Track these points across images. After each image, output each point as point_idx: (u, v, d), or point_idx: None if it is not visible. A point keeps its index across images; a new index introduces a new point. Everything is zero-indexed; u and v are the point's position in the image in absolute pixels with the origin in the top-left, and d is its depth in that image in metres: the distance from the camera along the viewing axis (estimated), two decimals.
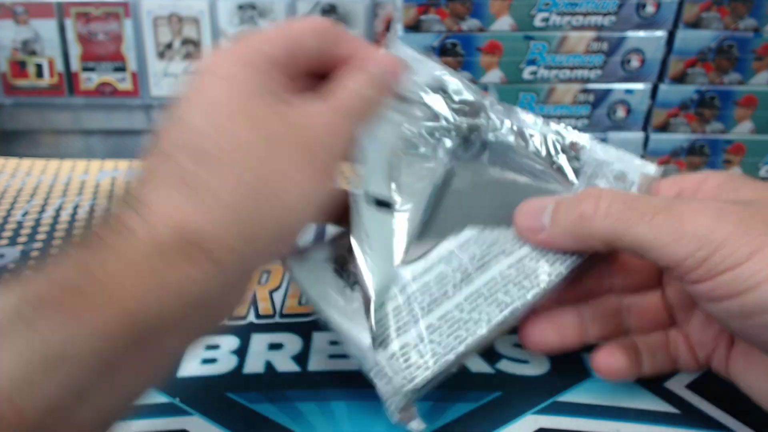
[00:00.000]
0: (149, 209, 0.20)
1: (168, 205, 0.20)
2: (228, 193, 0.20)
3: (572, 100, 0.52)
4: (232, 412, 0.27)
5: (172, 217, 0.19)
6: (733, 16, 0.49)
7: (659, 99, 0.52)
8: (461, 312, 0.25)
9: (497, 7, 0.49)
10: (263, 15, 0.69)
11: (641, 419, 0.27)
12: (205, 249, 0.19)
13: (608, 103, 0.52)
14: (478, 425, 0.27)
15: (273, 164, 0.21)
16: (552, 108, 0.53)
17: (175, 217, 0.19)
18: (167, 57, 0.71)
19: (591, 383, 0.29)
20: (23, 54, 0.70)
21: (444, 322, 0.24)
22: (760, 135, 0.53)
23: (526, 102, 0.52)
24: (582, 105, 0.53)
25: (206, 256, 0.19)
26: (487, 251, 0.26)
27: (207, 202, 0.20)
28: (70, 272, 0.18)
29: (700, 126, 0.53)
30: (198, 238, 0.19)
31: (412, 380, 0.23)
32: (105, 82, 0.71)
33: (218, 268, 0.20)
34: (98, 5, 0.68)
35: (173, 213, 0.20)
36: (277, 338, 0.32)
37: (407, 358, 0.24)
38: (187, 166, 0.20)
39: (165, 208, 0.20)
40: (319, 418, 0.27)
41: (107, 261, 0.18)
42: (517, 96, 0.52)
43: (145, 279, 0.18)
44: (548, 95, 0.52)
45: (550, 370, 0.30)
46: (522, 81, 0.52)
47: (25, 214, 0.47)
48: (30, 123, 0.69)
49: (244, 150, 0.21)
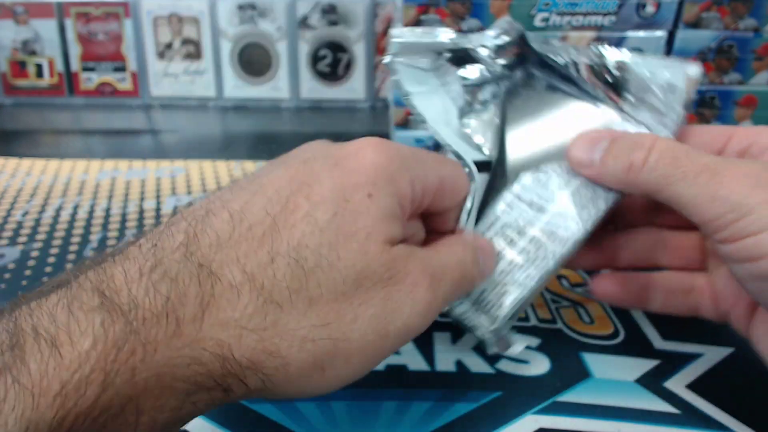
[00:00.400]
0: (211, 305, 0.18)
1: (232, 315, 0.18)
2: (287, 340, 0.18)
3: None
4: (232, 412, 0.27)
5: (226, 329, 0.18)
6: (733, 16, 0.49)
7: None
8: (527, 254, 0.27)
9: (497, 7, 0.49)
10: (263, 15, 0.69)
11: (641, 419, 0.27)
12: (229, 384, 0.18)
13: None
14: (478, 425, 0.27)
15: (347, 330, 0.19)
16: None
17: (226, 332, 0.18)
18: (167, 57, 0.71)
19: (591, 383, 0.29)
20: (23, 54, 0.70)
21: (513, 266, 0.27)
22: None
23: None
24: None
25: (225, 392, 0.18)
26: (542, 193, 0.28)
27: (266, 336, 0.18)
28: (95, 377, 0.15)
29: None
30: (233, 369, 0.18)
31: (495, 320, 0.27)
32: (105, 82, 0.71)
33: (227, 399, 0.18)
34: (98, 5, 0.68)
35: (230, 325, 0.18)
36: None
37: (487, 301, 0.27)
38: (278, 285, 0.18)
39: (226, 316, 0.18)
40: (319, 418, 0.27)
41: (137, 371, 0.16)
42: None
43: (165, 403, 0.17)
44: None
45: (550, 370, 0.30)
46: None
47: (25, 214, 0.47)
48: (30, 123, 0.69)
49: (335, 299, 0.19)
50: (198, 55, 0.71)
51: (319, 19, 0.70)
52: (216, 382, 0.17)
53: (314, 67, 0.71)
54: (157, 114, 0.71)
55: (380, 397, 0.28)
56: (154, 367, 0.16)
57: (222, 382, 0.17)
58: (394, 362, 0.30)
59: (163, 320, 0.17)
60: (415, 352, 0.31)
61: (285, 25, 0.70)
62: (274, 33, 0.70)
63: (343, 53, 0.71)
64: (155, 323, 0.16)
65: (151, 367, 0.16)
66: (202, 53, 0.71)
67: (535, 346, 0.32)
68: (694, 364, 0.30)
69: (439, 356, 0.31)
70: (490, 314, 0.27)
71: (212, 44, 0.70)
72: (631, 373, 0.30)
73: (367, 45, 0.71)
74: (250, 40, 0.70)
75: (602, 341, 0.32)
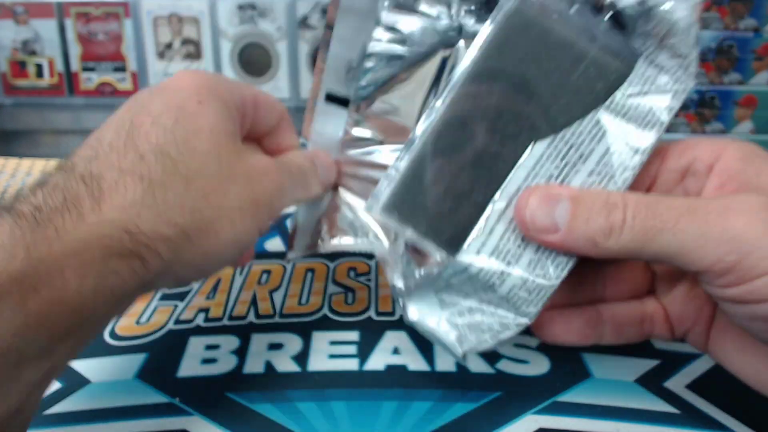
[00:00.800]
0: (104, 196, 0.20)
1: (124, 200, 0.21)
2: (178, 211, 0.22)
3: None
4: (232, 412, 0.27)
5: (124, 211, 0.20)
6: (733, 16, 0.49)
7: None
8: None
9: None
10: (263, 15, 0.69)
11: (641, 419, 0.27)
12: (141, 252, 0.21)
13: None
14: (478, 425, 0.27)
15: (222, 200, 0.23)
16: None
17: (125, 213, 0.20)
18: (167, 57, 0.71)
19: (591, 383, 0.29)
20: (23, 54, 0.70)
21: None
22: (760, 135, 0.53)
23: None
24: None
25: (141, 260, 0.21)
26: (564, 164, 0.24)
27: (160, 210, 0.21)
28: (18, 253, 0.18)
29: (700, 126, 0.53)
30: (141, 239, 0.20)
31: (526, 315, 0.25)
32: (105, 82, 0.71)
33: (148, 270, 0.21)
34: (98, 5, 0.68)
35: (126, 208, 0.21)
36: (277, 338, 0.32)
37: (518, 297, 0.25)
38: (155, 172, 0.21)
39: (120, 201, 0.20)
40: (319, 418, 0.27)
41: (53, 243, 0.19)
42: None
43: (87, 270, 0.19)
44: None
45: (550, 370, 0.30)
46: None
47: None
48: (30, 123, 0.69)
49: (205, 178, 0.23)
50: (198, 55, 0.71)
51: (319, 19, 0.70)
52: (130, 250, 0.20)
53: (314, 67, 0.71)
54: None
55: (380, 397, 0.28)
56: (69, 242, 0.19)
57: (135, 250, 0.20)
58: (394, 362, 0.30)
59: (66, 214, 0.20)
60: (415, 352, 0.31)
61: (285, 25, 0.70)
62: (274, 33, 0.70)
63: None
64: (60, 216, 0.19)
65: (66, 242, 0.19)
66: (202, 53, 0.71)
67: (534, 346, 0.31)
68: (694, 364, 0.30)
69: (439, 356, 0.31)
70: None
71: (212, 44, 0.70)
72: (630, 373, 0.30)
73: None
74: (250, 40, 0.70)
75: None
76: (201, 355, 0.31)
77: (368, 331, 0.32)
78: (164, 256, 0.21)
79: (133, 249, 0.20)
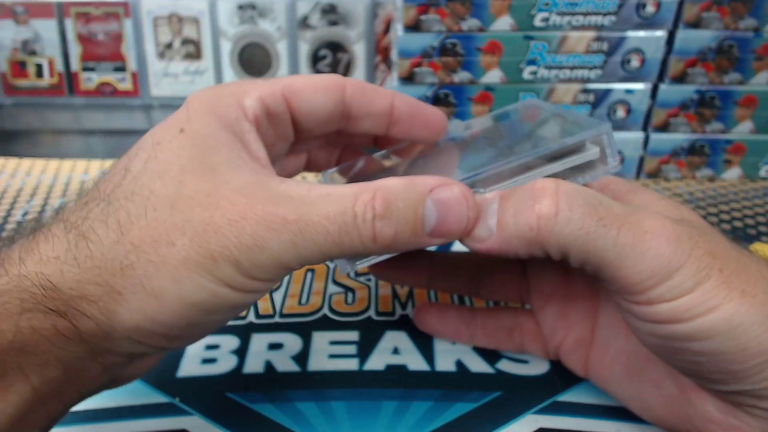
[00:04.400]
0: (33, 249, 0.20)
1: (47, 254, 0.20)
2: (107, 267, 0.19)
3: (572, 100, 0.52)
4: (232, 412, 0.27)
5: (44, 265, 0.19)
6: (733, 16, 0.49)
7: (659, 99, 0.52)
8: None
9: (497, 7, 0.49)
10: (263, 15, 0.69)
11: (641, 419, 0.27)
12: (64, 311, 0.19)
13: (608, 103, 0.52)
14: (478, 425, 0.27)
15: (165, 254, 0.19)
16: None
17: (46, 267, 0.19)
18: (167, 57, 0.71)
19: (591, 383, 0.29)
20: (23, 54, 0.70)
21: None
22: (760, 135, 0.53)
23: None
24: (582, 105, 0.52)
25: (66, 319, 0.19)
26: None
27: (86, 267, 0.19)
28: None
29: (700, 126, 0.53)
30: (61, 296, 0.19)
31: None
32: (105, 82, 0.71)
33: (81, 332, 0.19)
34: (98, 5, 0.68)
35: (45, 262, 0.19)
36: (277, 338, 0.32)
37: None
38: (86, 223, 0.20)
39: (44, 254, 0.20)
40: (319, 418, 0.27)
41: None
42: (517, 96, 0.52)
43: (2, 321, 0.18)
44: (548, 95, 0.52)
45: (550, 370, 0.30)
46: (522, 81, 0.52)
47: (25, 214, 0.47)
48: (30, 123, 0.69)
49: (145, 228, 0.20)
50: (198, 55, 0.71)
51: (319, 19, 0.70)
52: (47, 308, 0.19)
53: (314, 67, 0.71)
54: (157, 114, 0.71)
55: (380, 397, 0.28)
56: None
57: (55, 308, 0.19)
58: (394, 362, 0.30)
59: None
60: (415, 352, 0.31)
61: (285, 25, 0.70)
62: (274, 33, 0.70)
63: (343, 53, 0.71)
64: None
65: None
66: (202, 53, 0.71)
67: None
68: None
69: (439, 356, 0.31)
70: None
71: (212, 44, 0.70)
72: None
73: (367, 45, 0.71)
74: (250, 40, 0.70)
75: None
76: (201, 354, 0.31)
77: (368, 331, 0.33)
78: (93, 317, 0.19)
79: (51, 306, 0.19)
